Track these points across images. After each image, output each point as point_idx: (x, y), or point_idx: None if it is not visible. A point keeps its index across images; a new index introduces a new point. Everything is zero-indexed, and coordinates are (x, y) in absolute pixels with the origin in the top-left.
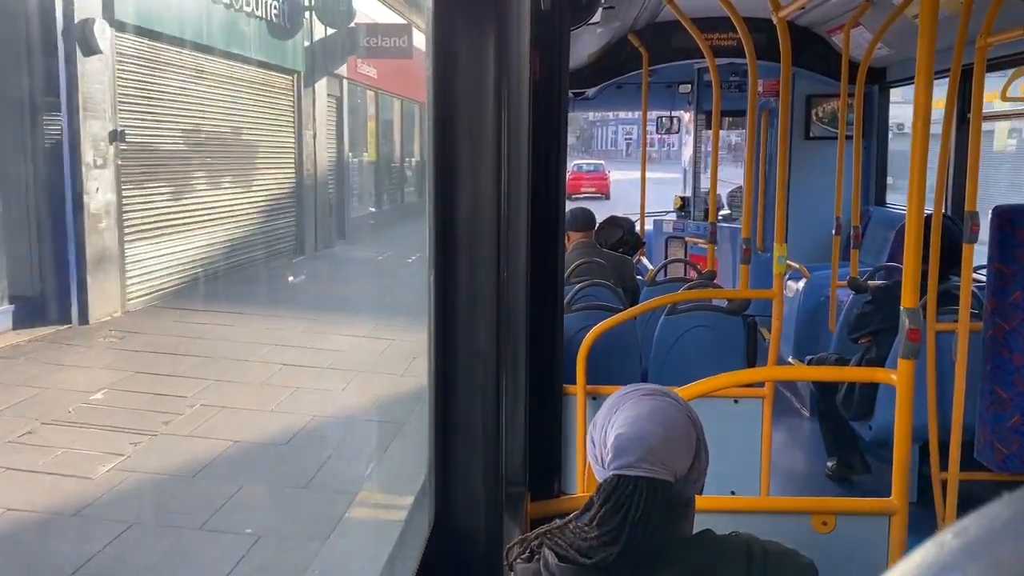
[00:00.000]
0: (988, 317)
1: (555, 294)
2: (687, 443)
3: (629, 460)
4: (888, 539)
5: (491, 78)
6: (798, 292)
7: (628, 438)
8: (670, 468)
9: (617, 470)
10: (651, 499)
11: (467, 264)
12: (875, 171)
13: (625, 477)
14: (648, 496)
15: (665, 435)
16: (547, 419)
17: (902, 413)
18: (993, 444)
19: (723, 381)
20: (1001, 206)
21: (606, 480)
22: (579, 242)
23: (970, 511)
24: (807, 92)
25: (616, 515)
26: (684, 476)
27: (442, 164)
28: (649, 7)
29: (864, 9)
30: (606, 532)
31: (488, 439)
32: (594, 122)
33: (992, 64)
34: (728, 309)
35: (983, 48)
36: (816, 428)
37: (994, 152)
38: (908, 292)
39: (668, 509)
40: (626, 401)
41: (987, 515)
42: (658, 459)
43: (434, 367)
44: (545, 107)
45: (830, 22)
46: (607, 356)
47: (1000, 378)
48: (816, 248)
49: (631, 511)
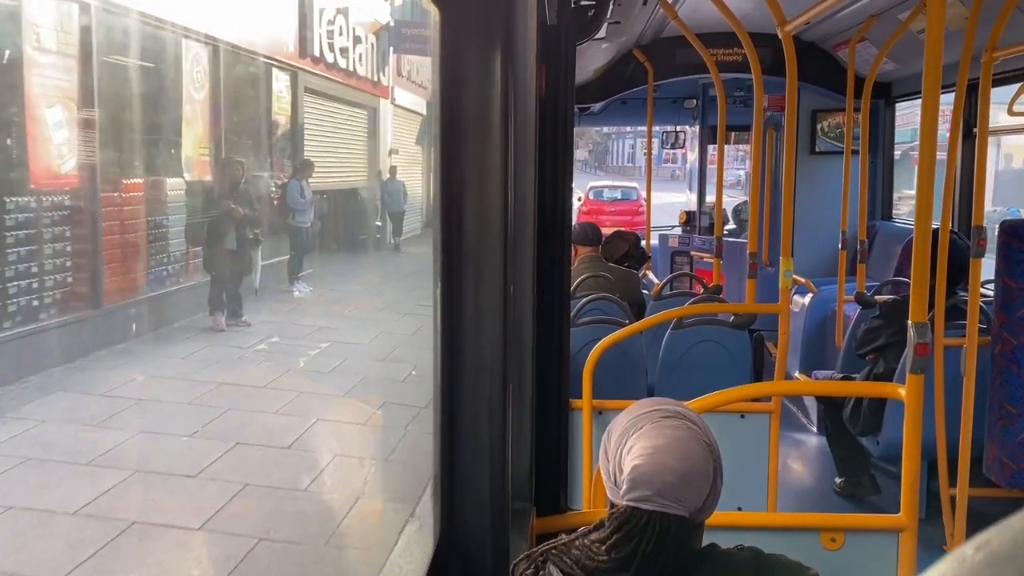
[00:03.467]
0: (996, 332)
1: (561, 308)
2: (704, 476)
3: (645, 494)
4: (897, 556)
5: (498, 92)
6: (804, 307)
7: (644, 472)
8: (686, 505)
9: (632, 502)
10: (664, 533)
11: (474, 278)
12: (881, 185)
13: (639, 510)
14: (661, 530)
15: (683, 471)
16: (553, 433)
17: (911, 428)
18: (1002, 460)
19: (730, 396)
20: (1008, 220)
21: (620, 509)
22: (586, 256)
23: (978, 527)
24: (812, 107)
25: (627, 544)
26: (699, 508)
27: (449, 178)
28: (654, 22)
29: (869, 24)
30: (617, 559)
31: (495, 454)
32: (609, 134)
33: (998, 78)
34: (734, 324)
35: (989, 62)
36: (823, 443)
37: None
38: (916, 306)
39: (680, 540)
40: (644, 423)
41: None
42: (674, 495)
43: (440, 381)
44: (551, 121)
45: (835, 37)
46: (613, 370)
47: (1008, 393)
48: (822, 263)
49: (643, 544)
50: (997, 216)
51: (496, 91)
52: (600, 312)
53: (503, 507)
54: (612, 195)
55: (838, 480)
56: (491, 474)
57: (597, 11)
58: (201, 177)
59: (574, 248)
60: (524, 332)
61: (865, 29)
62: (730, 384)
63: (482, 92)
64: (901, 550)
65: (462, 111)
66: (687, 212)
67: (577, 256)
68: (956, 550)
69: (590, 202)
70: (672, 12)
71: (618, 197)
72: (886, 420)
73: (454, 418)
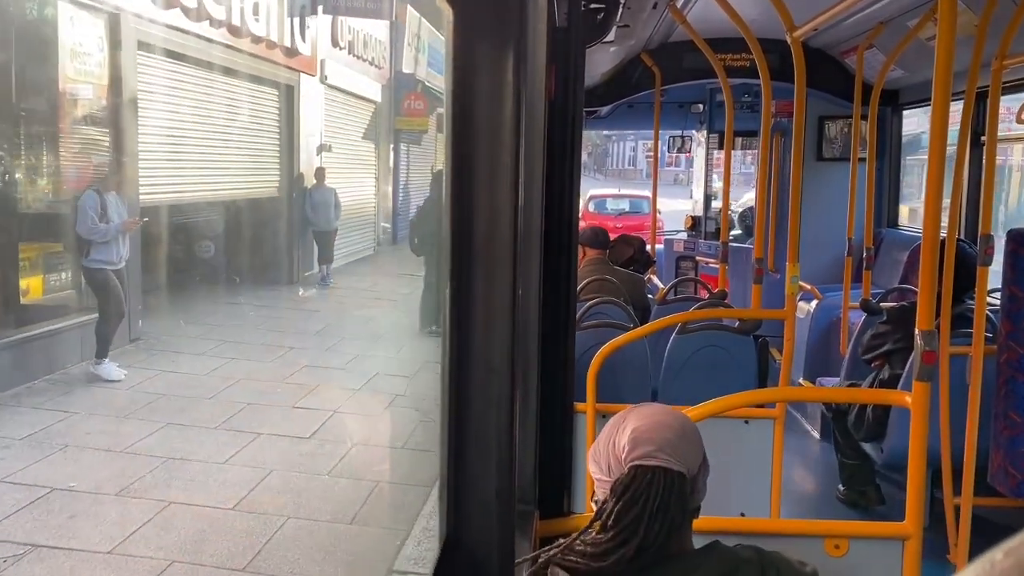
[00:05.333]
0: (1002, 341)
1: (567, 311)
2: (698, 442)
3: (647, 450)
4: (901, 564)
5: (510, 92)
6: (810, 313)
7: (645, 430)
8: (685, 462)
9: (635, 461)
10: (668, 489)
11: (483, 279)
12: (888, 192)
13: (643, 467)
14: (666, 486)
15: (680, 430)
16: (557, 436)
17: (916, 436)
18: (1007, 469)
19: (734, 401)
20: (1015, 229)
21: (622, 475)
22: (593, 259)
23: (982, 536)
24: (820, 113)
25: (634, 507)
26: (695, 476)
27: (460, 179)
28: (663, 27)
29: (878, 31)
30: (623, 528)
31: (502, 455)
32: (609, 136)
33: (1007, 86)
34: (739, 329)
35: (998, 70)
36: (827, 449)
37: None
38: (923, 314)
39: (683, 506)
40: (632, 411)
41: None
42: (675, 451)
43: (448, 381)
44: (560, 123)
45: (843, 44)
46: (617, 374)
47: (1014, 402)
48: (828, 269)
49: (649, 501)
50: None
51: (508, 91)
52: (605, 316)
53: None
54: (618, 207)
55: (841, 488)
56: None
57: (607, 14)
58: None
59: (582, 250)
60: (530, 334)
61: (874, 36)
62: (734, 389)
63: (494, 92)
64: (905, 558)
65: (474, 110)
66: (693, 217)
67: (584, 258)
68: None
69: (590, 216)
70: (680, 16)
71: (625, 209)
72: (890, 427)
73: (462, 419)
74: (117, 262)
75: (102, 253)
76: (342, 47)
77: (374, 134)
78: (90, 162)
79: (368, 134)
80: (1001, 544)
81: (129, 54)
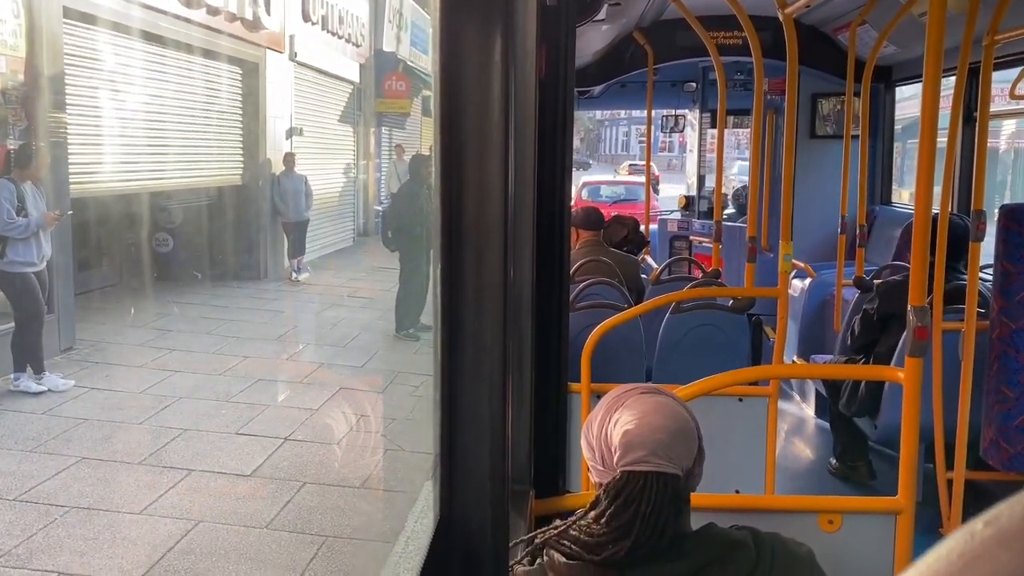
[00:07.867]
0: (994, 316)
1: (560, 292)
2: (692, 435)
3: (639, 455)
4: (894, 538)
5: (499, 74)
6: (803, 291)
7: (637, 434)
8: (678, 463)
9: (627, 467)
10: (661, 493)
11: (474, 260)
12: (881, 170)
13: (635, 473)
14: (658, 490)
15: (673, 429)
16: (551, 417)
17: (909, 411)
18: (999, 443)
19: (728, 379)
20: (1008, 204)
21: (615, 478)
22: (587, 240)
23: (974, 510)
24: (812, 90)
25: (626, 511)
26: (689, 470)
27: (449, 159)
28: (654, 5)
29: (870, 7)
30: (616, 528)
31: (495, 435)
32: (602, 121)
33: (999, 62)
34: (733, 308)
35: (990, 46)
36: (820, 426)
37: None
38: (915, 290)
39: (676, 503)
40: (626, 399)
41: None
42: (667, 454)
43: (441, 361)
44: (551, 104)
45: (836, 20)
46: (611, 354)
47: (1006, 377)
48: (821, 247)
49: (642, 506)
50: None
51: (497, 71)
52: (599, 296)
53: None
54: (612, 193)
55: (833, 461)
56: (492, 456)
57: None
58: None
59: (575, 232)
60: (523, 315)
61: (866, 12)
62: (728, 368)
63: (483, 73)
64: (898, 532)
65: (462, 90)
66: (686, 196)
67: (578, 240)
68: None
69: (583, 204)
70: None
71: (622, 196)
72: (884, 402)
73: (455, 397)
74: (39, 262)
75: (21, 253)
76: (314, 22)
77: (352, 117)
78: (2, 146)
79: (345, 117)
80: (982, 514)
81: (54, 22)
